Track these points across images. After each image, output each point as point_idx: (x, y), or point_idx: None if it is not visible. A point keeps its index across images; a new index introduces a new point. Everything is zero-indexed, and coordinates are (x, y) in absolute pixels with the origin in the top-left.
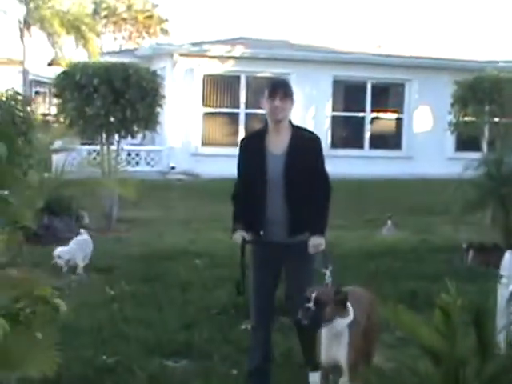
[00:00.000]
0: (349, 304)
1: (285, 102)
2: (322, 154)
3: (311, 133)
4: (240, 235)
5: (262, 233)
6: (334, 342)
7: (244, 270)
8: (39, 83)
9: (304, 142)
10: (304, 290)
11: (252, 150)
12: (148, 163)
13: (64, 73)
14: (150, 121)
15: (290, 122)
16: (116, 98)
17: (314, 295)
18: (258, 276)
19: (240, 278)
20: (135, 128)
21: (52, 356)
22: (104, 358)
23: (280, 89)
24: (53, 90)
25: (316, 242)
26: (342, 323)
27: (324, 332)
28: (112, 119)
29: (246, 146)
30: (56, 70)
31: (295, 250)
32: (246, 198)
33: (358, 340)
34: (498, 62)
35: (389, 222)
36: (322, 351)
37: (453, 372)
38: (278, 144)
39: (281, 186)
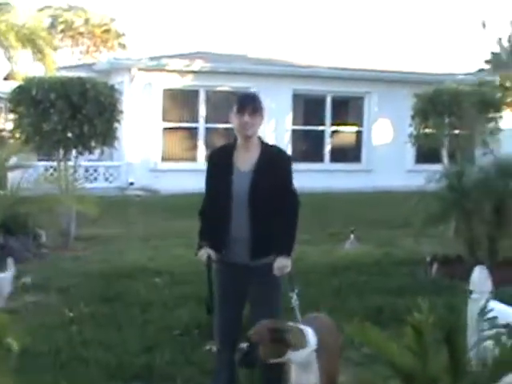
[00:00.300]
0: (308, 333)
1: (254, 117)
2: (291, 173)
3: (281, 150)
4: (205, 252)
5: (223, 252)
6: (303, 373)
7: (211, 288)
8: None
9: (273, 160)
10: (268, 316)
11: (219, 165)
12: (106, 179)
13: (19, 87)
14: (107, 136)
15: (260, 138)
16: (73, 113)
17: (250, 334)
18: (222, 296)
19: (208, 296)
20: (93, 144)
21: (7, 383)
22: (63, 383)
23: (249, 104)
24: (8, 105)
25: (281, 264)
26: (300, 354)
27: (294, 365)
28: (69, 135)
29: (213, 160)
30: (12, 85)
31: (259, 273)
32: (212, 214)
33: (328, 366)
34: (456, 75)
35: (351, 235)
36: (292, 380)
37: None
38: (245, 160)
39: (246, 204)
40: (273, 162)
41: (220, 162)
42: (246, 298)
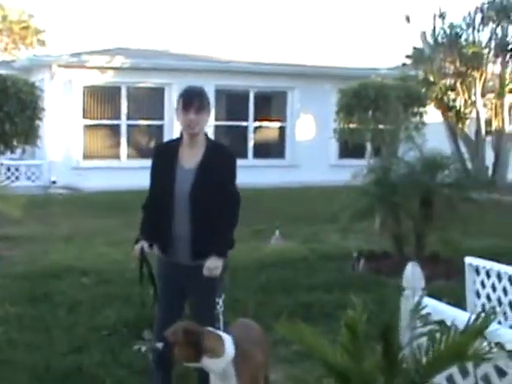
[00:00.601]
0: (227, 341)
1: (200, 114)
2: (235, 172)
3: (226, 149)
4: (139, 245)
5: (168, 251)
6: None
7: (141, 281)
8: None
9: (217, 158)
10: (204, 320)
11: (163, 160)
12: (28, 178)
13: None
14: (29, 135)
15: (206, 135)
16: None
17: (166, 334)
18: (163, 295)
19: (140, 291)
20: (15, 142)
21: None
22: None
23: (195, 100)
24: None
25: (212, 265)
26: (218, 363)
27: (213, 374)
28: None
29: (158, 155)
30: None
31: (199, 274)
32: (154, 211)
33: (249, 377)
34: (380, 70)
35: (277, 232)
36: None
37: None
38: (190, 158)
39: (188, 202)
40: (217, 160)
41: (164, 158)
42: (186, 298)
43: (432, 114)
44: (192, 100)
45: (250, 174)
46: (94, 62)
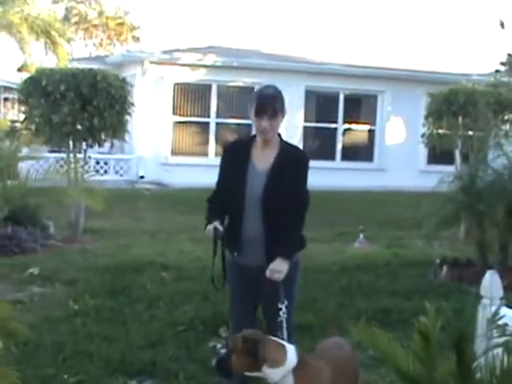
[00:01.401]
0: (289, 350)
1: (274, 120)
2: (307, 174)
3: (300, 151)
4: (213, 226)
5: (235, 254)
6: None
7: (214, 262)
8: (8, 89)
9: (290, 160)
10: (271, 326)
11: (235, 159)
12: (117, 172)
13: (30, 78)
14: (118, 129)
15: (279, 135)
16: (83, 105)
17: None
18: (236, 295)
19: (212, 272)
20: (103, 136)
21: (10, 376)
22: (65, 376)
23: (268, 107)
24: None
25: (276, 268)
26: (277, 372)
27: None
28: (79, 127)
29: (230, 152)
30: (25, 76)
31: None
32: (222, 206)
33: None
34: (471, 75)
35: (361, 235)
36: None
37: None
38: (263, 159)
39: (259, 204)
40: (290, 162)
41: (236, 157)
42: (260, 299)
43: None
44: (265, 106)
45: (338, 176)
46: (186, 59)
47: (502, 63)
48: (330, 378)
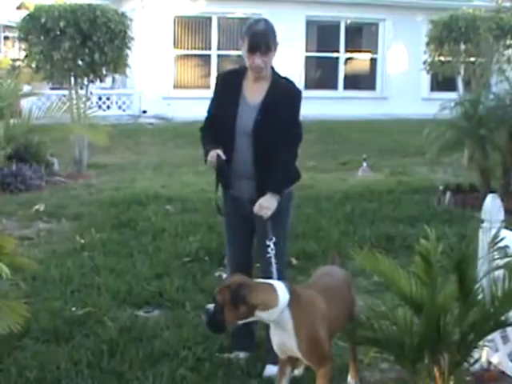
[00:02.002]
0: (279, 289)
1: (267, 56)
2: (299, 108)
3: (292, 84)
4: (214, 152)
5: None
6: (280, 332)
7: (217, 189)
8: (8, 28)
9: (282, 94)
10: (276, 250)
11: (227, 91)
12: (119, 107)
13: (29, 15)
14: (118, 64)
15: (272, 68)
16: (83, 40)
17: (216, 293)
18: (230, 227)
19: (216, 197)
20: (104, 71)
21: (19, 310)
22: (73, 309)
23: (262, 43)
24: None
25: (264, 203)
26: (271, 313)
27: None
28: (80, 63)
29: (221, 84)
30: (24, 14)
31: None
32: (214, 133)
33: (312, 326)
34: (472, 1)
35: (364, 163)
36: (273, 343)
37: (433, 320)
38: (254, 93)
39: (250, 138)
40: (282, 96)
41: (228, 88)
42: (254, 229)
43: None
44: (258, 43)
45: (340, 105)
46: None
47: None
48: (323, 305)
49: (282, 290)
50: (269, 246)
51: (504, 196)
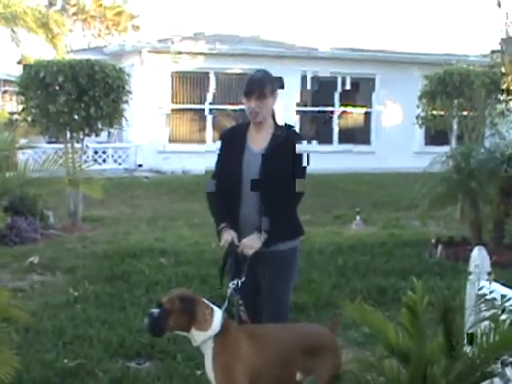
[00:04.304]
0: (217, 317)
1: (262, 102)
2: (302, 157)
3: (295, 133)
4: (229, 235)
5: (235, 236)
6: (205, 359)
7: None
8: (8, 82)
9: (285, 143)
10: (277, 307)
11: (231, 143)
12: (115, 161)
13: (27, 70)
14: (114, 118)
15: (274, 118)
16: (80, 95)
17: (162, 300)
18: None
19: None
20: (99, 125)
21: (9, 360)
22: (65, 361)
23: (256, 88)
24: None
25: (248, 243)
26: (200, 336)
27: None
28: (76, 117)
29: (226, 138)
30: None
31: (269, 260)
32: (222, 196)
33: (228, 365)
34: (468, 56)
35: (357, 217)
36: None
37: (420, 371)
38: (258, 141)
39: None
40: (285, 144)
41: (233, 142)
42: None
43: None
44: (253, 88)
45: (335, 159)
46: (183, 48)
47: (501, 41)
48: (249, 350)
49: (217, 320)
50: (234, 284)
51: (495, 249)
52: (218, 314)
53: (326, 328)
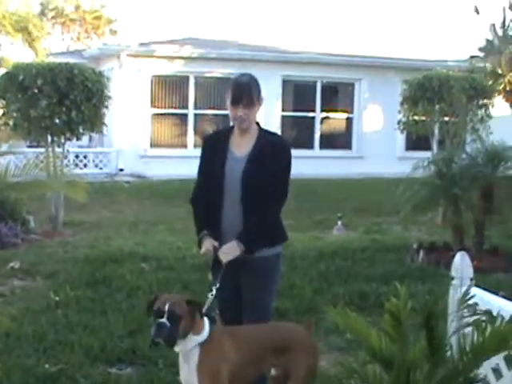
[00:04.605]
0: (205, 321)
1: (250, 109)
2: (288, 163)
3: (280, 138)
4: (210, 245)
5: (217, 244)
6: (185, 365)
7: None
8: None
9: (269, 149)
10: (260, 313)
11: (213, 149)
12: (96, 165)
13: (6, 73)
14: (95, 122)
15: (258, 124)
16: (60, 99)
17: (167, 307)
18: (221, 288)
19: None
20: (81, 130)
21: None
22: (46, 366)
23: (244, 95)
24: None
25: (226, 250)
26: (193, 341)
27: (180, 352)
28: (57, 121)
29: (208, 144)
30: (1, 72)
31: (252, 265)
32: (204, 201)
33: (216, 368)
34: (446, 61)
35: (339, 222)
36: (180, 377)
37: (403, 377)
38: (241, 146)
39: (239, 192)
40: (269, 147)
41: (215, 146)
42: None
43: (500, 107)
44: (241, 95)
45: (317, 164)
46: (163, 51)
47: (480, 49)
48: (232, 350)
49: (206, 326)
50: (211, 290)
51: (477, 254)
52: (207, 323)
53: (300, 326)
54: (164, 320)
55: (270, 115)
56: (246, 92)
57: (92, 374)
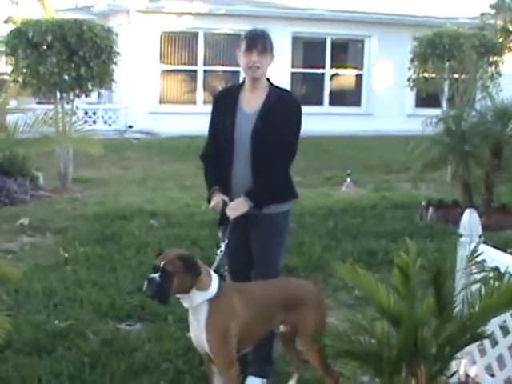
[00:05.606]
0: (214, 279)
1: (263, 56)
2: (298, 120)
3: (290, 94)
4: (220, 199)
5: (226, 199)
6: (194, 322)
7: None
8: None
9: (280, 105)
10: (269, 269)
11: (223, 106)
12: (105, 122)
13: (16, 30)
14: (104, 79)
15: (269, 80)
16: (70, 55)
17: (161, 264)
18: (229, 244)
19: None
20: (90, 86)
21: (1, 322)
22: (56, 322)
23: (259, 42)
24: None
25: (233, 205)
26: (201, 296)
27: (188, 308)
28: (66, 77)
29: (218, 100)
30: (11, 28)
31: (261, 222)
32: (215, 157)
33: (225, 325)
34: (457, 18)
35: (348, 179)
36: (191, 334)
37: (411, 333)
38: (251, 102)
39: (248, 148)
40: (280, 103)
41: (225, 103)
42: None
43: (511, 64)
44: (256, 41)
45: (326, 121)
46: (172, 7)
47: (491, 6)
48: (243, 309)
49: (215, 282)
50: (219, 247)
51: (485, 212)
52: (215, 278)
53: (309, 282)
54: (154, 275)
55: (280, 72)
56: (260, 39)
57: (101, 329)
